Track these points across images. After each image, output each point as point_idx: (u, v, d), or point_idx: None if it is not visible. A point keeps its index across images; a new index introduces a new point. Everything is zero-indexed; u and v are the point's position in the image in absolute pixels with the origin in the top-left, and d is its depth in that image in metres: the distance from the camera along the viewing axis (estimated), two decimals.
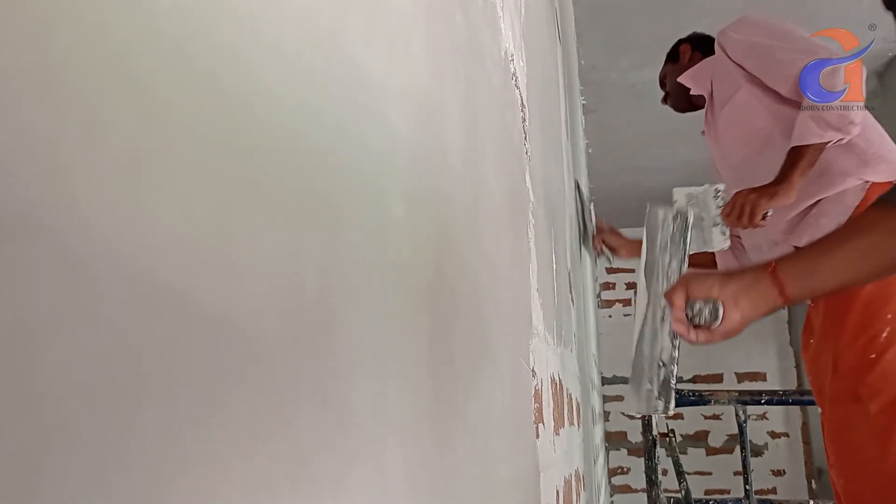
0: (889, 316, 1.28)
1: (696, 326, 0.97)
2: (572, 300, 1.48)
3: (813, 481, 4.78)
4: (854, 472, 1.26)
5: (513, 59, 0.82)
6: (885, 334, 1.27)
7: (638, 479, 4.80)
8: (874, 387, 1.24)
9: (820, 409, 1.39)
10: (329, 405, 0.27)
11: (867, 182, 1.38)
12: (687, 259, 1.04)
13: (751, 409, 2.58)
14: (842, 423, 1.30)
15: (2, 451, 0.13)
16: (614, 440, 5.07)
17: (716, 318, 0.95)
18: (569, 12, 2.36)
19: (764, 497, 2.81)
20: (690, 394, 2.36)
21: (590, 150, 3.60)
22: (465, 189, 0.53)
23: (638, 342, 1.07)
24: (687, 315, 0.98)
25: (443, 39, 0.49)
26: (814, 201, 1.42)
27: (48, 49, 0.15)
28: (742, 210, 1.43)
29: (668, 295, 1.00)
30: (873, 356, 1.25)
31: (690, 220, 1.06)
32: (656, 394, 1.04)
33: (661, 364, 1.03)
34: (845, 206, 1.38)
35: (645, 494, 2.40)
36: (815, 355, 1.40)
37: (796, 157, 1.40)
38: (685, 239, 1.04)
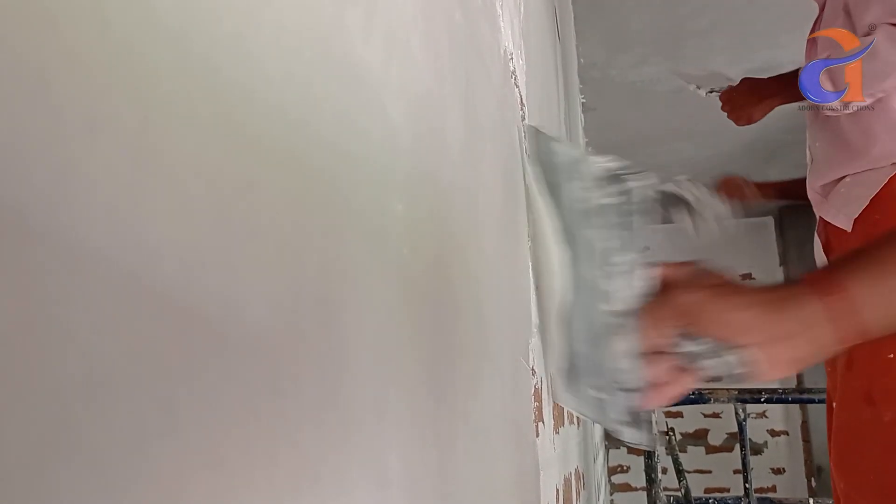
0: None
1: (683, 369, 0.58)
2: None
3: (812, 479, 4.78)
4: (856, 480, 1.13)
5: (512, 58, 0.81)
6: None
7: (638, 477, 4.80)
8: (890, 391, 1.07)
9: (828, 406, 1.26)
10: (329, 404, 0.26)
11: None
12: (650, 258, 0.59)
13: (750, 407, 2.58)
14: (850, 426, 1.15)
15: (2, 453, 0.13)
16: (614, 438, 5.08)
17: (730, 373, 0.56)
18: (568, 10, 2.35)
19: (763, 495, 2.81)
20: (690, 392, 2.36)
21: (589, 148, 3.60)
22: (465, 186, 0.53)
23: (564, 329, 0.69)
24: (675, 349, 0.57)
25: (442, 36, 0.49)
26: (855, 172, 1.21)
27: (47, 43, 0.15)
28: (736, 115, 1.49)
29: (651, 315, 0.58)
30: (892, 356, 1.08)
31: (646, 184, 0.60)
32: (626, 419, 0.62)
33: (618, 385, 0.61)
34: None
35: (645, 493, 2.40)
36: None
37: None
38: (632, 219, 0.58)
